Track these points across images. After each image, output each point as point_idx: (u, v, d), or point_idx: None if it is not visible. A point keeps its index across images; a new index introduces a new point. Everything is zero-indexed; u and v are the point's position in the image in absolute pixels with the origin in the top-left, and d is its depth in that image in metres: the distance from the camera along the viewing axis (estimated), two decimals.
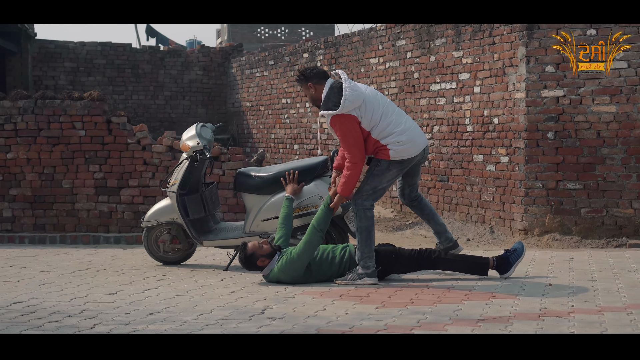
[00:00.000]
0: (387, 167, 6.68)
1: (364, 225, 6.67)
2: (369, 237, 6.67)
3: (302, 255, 6.72)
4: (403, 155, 6.67)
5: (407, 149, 6.67)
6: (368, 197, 6.70)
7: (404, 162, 6.73)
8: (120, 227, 10.33)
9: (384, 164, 6.67)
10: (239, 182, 7.83)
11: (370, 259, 6.67)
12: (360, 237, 6.68)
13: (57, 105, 10.52)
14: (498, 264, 6.81)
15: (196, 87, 19.88)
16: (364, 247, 6.66)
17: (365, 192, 6.70)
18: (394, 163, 6.68)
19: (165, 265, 7.95)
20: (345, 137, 6.61)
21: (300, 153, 15.76)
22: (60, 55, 18.98)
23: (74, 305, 5.93)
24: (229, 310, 5.69)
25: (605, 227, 9.34)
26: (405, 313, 5.49)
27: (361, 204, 6.68)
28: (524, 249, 6.89)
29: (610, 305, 5.61)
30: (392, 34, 12.56)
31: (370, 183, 6.70)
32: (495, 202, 10.22)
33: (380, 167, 6.68)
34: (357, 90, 6.64)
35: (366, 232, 6.67)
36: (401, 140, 6.63)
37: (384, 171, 6.68)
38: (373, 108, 6.64)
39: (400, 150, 6.64)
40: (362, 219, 6.68)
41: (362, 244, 6.67)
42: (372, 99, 6.70)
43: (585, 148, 9.41)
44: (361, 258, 6.67)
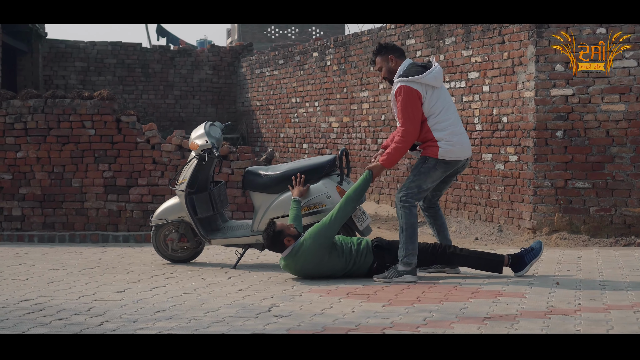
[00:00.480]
0: (434, 166, 6.70)
1: (410, 222, 6.67)
2: (414, 234, 6.67)
3: (334, 223, 6.76)
4: (450, 155, 6.69)
5: (455, 150, 6.71)
6: (413, 196, 6.71)
7: (449, 165, 6.75)
8: (129, 225, 10.36)
9: (431, 162, 6.70)
10: (247, 181, 7.84)
11: (414, 256, 6.67)
12: (406, 234, 6.66)
13: (67, 104, 10.56)
14: (513, 262, 6.83)
15: (206, 87, 19.92)
16: (409, 244, 6.66)
17: (410, 189, 6.72)
18: (441, 163, 6.69)
19: (173, 264, 7.97)
20: (405, 108, 6.64)
21: (310, 152, 15.77)
22: (70, 54, 19.07)
23: (82, 303, 5.95)
24: (236, 308, 5.70)
25: (614, 226, 9.32)
26: (411, 311, 5.50)
27: (407, 201, 6.69)
28: (541, 249, 6.87)
29: (617, 303, 5.60)
30: (401, 33, 12.56)
31: (416, 181, 6.72)
32: (504, 200, 10.21)
33: (427, 165, 6.71)
34: (441, 77, 6.80)
35: (411, 229, 6.67)
36: (452, 140, 6.69)
37: (430, 170, 6.70)
38: (440, 98, 6.72)
39: (449, 150, 6.68)
40: (408, 215, 6.68)
41: (407, 241, 6.66)
42: (445, 91, 6.85)
43: (594, 147, 9.40)
44: (405, 255, 6.65)
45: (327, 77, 15.15)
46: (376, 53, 7.00)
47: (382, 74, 6.98)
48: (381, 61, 6.94)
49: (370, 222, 7.70)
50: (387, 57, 6.90)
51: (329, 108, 15.08)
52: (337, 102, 14.74)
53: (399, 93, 6.68)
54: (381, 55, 6.94)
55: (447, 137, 6.67)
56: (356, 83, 14.02)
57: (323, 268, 6.80)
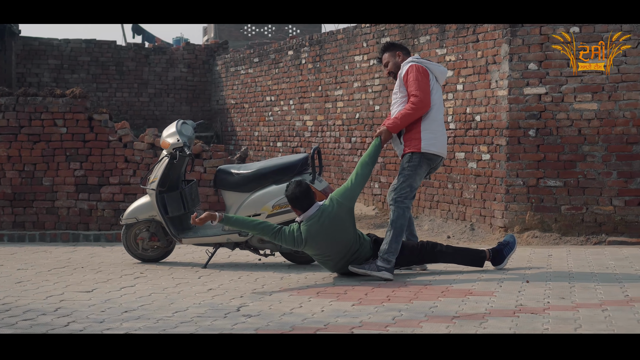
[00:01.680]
0: (419, 163, 6.86)
1: (400, 222, 6.79)
2: (400, 235, 6.78)
3: (357, 186, 6.86)
4: (432, 148, 6.86)
5: (436, 143, 6.89)
6: (407, 195, 6.84)
7: (431, 160, 6.92)
8: (100, 224, 10.29)
9: (416, 159, 6.85)
10: (219, 180, 7.81)
11: (394, 255, 6.75)
12: (393, 233, 6.76)
13: (39, 102, 10.47)
14: (493, 256, 7.07)
15: (180, 85, 19.83)
16: (393, 243, 6.75)
17: (403, 189, 6.85)
18: (424, 158, 6.86)
19: (143, 263, 7.92)
20: (417, 81, 6.84)
21: (284, 151, 15.74)
22: (44, 52, 18.91)
23: (49, 303, 5.89)
24: (205, 308, 5.66)
25: (585, 224, 9.35)
26: (381, 310, 5.48)
27: (402, 202, 6.82)
28: (515, 242, 7.17)
29: (585, 301, 5.61)
30: (376, 31, 12.55)
31: (407, 181, 6.86)
32: (476, 199, 10.22)
33: (412, 163, 6.86)
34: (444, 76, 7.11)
35: (400, 229, 6.78)
36: (436, 135, 6.89)
37: (416, 167, 6.86)
38: (436, 95, 6.95)
39: (432, 144, 6.85)
40: (401, 216, 6.80)
41: (392, 240, 6.75)
42: (440, 92, 7.04)
43: (566, 145, 9.42)
44: (387, 252, 6.72)
45: (302, 75, 15.12)
46: (384, 50, 7.25)
47: (388, 69, 7.19)
48: (389, 57, 7.18)
49: None
50: (395, 53, 7.16)
51: (303, 106, 15.05)
52: (312, 101, 14.72)
53: (411, 71, 6.91)
54: (389, 52, 7.19)
55: (431, 130, 6.85)
56: (331, 81, 14.00)
57: (340, 236, 6.71)
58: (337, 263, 6.81)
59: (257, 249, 7.69)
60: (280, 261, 7.86)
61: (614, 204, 9.26)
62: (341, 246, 6.75)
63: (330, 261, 6.82)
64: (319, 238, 6.67)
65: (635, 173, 9.20)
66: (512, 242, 7.13)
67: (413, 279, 6.77)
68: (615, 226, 9.22)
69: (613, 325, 4.87)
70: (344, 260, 6.78)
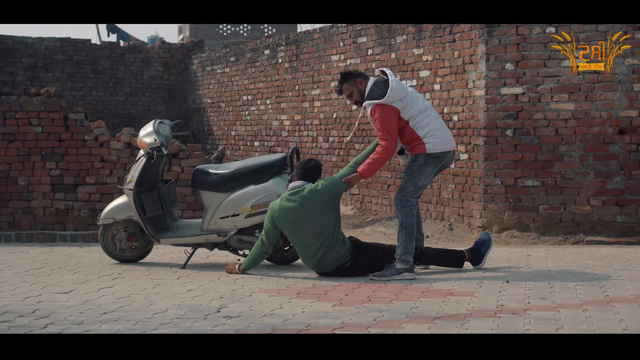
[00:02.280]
0: (425, 162, 6.84)
1: (409, 221, 6.80)
2: (412, 233, 6.80)
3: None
4: (437, 148, 6.85)
5: (442, 142, 6.88)
6: (412, 195, 6.84)
7: (439, 158, 6.91)
8: (77, 225, 10.20)
9: (422, 159, 6.84)
10: (197, 180, 7.76)
11: (411, 254, 6.77)
12: (405, 233, 6.76)
13: (14, 101, 10.36)
14: (472, 256, 7.14)
15: (156, 84, 19.73)
16: (407, 243, 6.75)
17: (408, 189, 6.85)
18: (430, 158, 6.85)
19: (121, 264, 7.85)
20: (383, 123, 6.79)
21: (261, 150, 15.69)
22: (18, 50, 18.74)
23: (27, 305, 5.82)
24: (185, 309, 5.62)
25: (563, 224, 9.39)
26: (362, 311, 5.46)
27: (407, 201, 6.82)
28: (491, 239, 7.24)
29: (566, 302, 5.62)
30: (353, 30, 12.53)
31: (411, 180, 6.86)
32: (454, 199, 10.23)
33: (418, 163, 6.85)
34: (402, 85, 6.95)
35: (410, 228, 6.79)
36: (436, 134, 6.86)
37: (422, 167, 6.85)
38: (414, 102, 6.90)
39: (436, 143, 6.86)
40: (408, 215, 6.80)
41: (406, 240, 6.75)
42: (414, 94, 7.00)
43: (544, 145, 9.45)
44: (403, 252, 6.74)
45: (279, 74, 15.09)
46: (342, 81, 7.12)
47: (353, 99, 7.10)
48: (349, 87, 7.07)
49: None
50: (356, 81, 7.05)
51: (280, 106, 15.01)
52: (289, 100, 14.69)
53: (375, 112, 6.83)
54: (348, 82, 7.08)
55: (430, 133, 6.84)
56: (308, 81, 13.97)
57: (316, 216, 6.73)
58: (315, 253, 6.75)
59: (236, 249, 7.65)
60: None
61: (591, 203, 9.30)
62: (317, 228, 6.73)
63: (307, 249, 6.77)
64: (296, 211, 6.72)
65: (613, 173, 9.25)
66: (488, 240, 7.19)
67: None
68: (593, 226, 9.27)
69: (594, 325, 4.88)
70: (320, 252, 6.74)
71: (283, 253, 7.65)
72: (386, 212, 11.49)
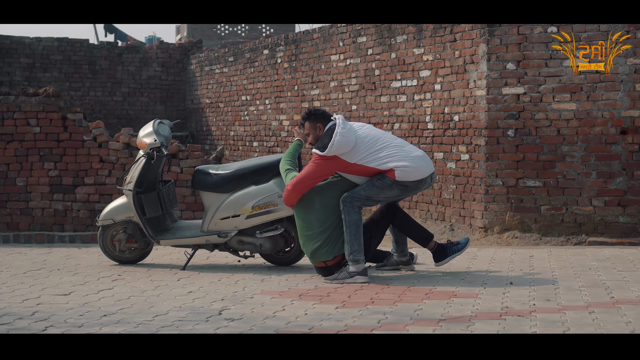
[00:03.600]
0: (390, 186, 6.64)
1: (353, 218, 6.58)
2: (358, 231, 6.59)
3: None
4: (409, 177, 6.63)
5: (412, 171, 6.63)
6: (357, 201, 6.63)
7: (409, 187, 6.69)
8: (76, 226, 10.13)
9: (388, 181, 6.63)
10: (197, 180, 7.68)
11: (360, 252, 6.58)
12: (349, 231, 6.57)
13: (12, 101, 10.29)
14: (437, 250, 6.97)
15: (154, 84, 19.65)
16: (354, 241, 6.57)
17: (358, 195, 6.64)
18: (397, 184, 6.63)
19: (121, 265, 7.78)
20: (307, 173, 6.66)
21: (260, 150, 15.63)
22: (15, 50, 18.66)
23: (26, 307, 5.76)
24: (186, 312, 5.55)
25: (565, 225, 9.33)
26: (365, 313, 5.40)
27: (350, 204, 6.61)
28: (466, 246, 7.01)
29: (571, 304, 5.56)
30: (352, 30, 12.47)
31: (367, 190, 6.64)
32: (456, 199, 10.18)
33: (383, 182, 6.63)
34: (347, 137, 6.58)
35: (355, 226, 6.58)
36: (406, 165, 6.62)
37: (385, 188, 6.64)
38: (368, 147, 6.62)
39: (407, 172, 6.61)
40: (351, 212, 6.59)
41: (352, 238, 6.57)
42: (366, 139, 6.67)
43: (546, 145, 9.40)
44: (351, 252, 6.57)
45: (278, 74, 15.02)
46: (304, 119, 6.95)
47: (309, 140, 6.91)
48: (309, 128, 6.88)
49: None
50: (316, 125, 6.85)
51: (279, 106, 14.95)
52: (288, 100, 14.63)
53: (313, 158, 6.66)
54: (310, 122, 6.89)
55: (400, 165, 6.61)
56: (307, 81, 13.91)
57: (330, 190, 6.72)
58: (315, 237, 6.66)
59: (236, 250, 7.58)
60: (260, 262, 7.76)
61: (593, 204, 9.25)
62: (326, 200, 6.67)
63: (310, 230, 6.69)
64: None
65: (615, 173, 9.20)
66: (463, 244, 6.98)
67: (395, 280, 6.70)
68: (595, 226, 9.22)
69: (601, 328, 4.82)
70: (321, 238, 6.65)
71: (284, 254, 7.59)
72: None
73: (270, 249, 7.41)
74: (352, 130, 6.68)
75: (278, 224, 7.35)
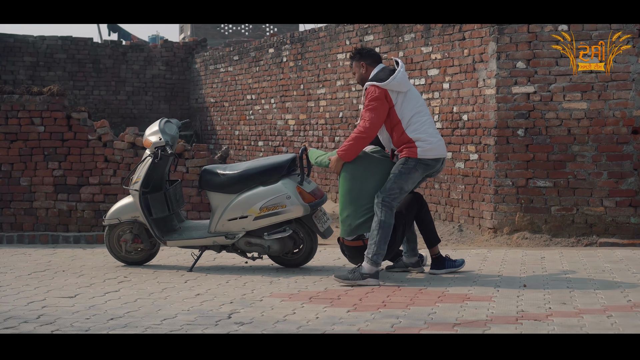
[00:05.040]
0: (414, 167, 6.62)
1: (389, 222, 6.55)
2: (387, 235, 6.54)
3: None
4: (428, 154, 6.64)
5: (433, 148, 6.66)
6: (395, 198, 6.61)
7: (429, 165, 6.69)
8: (80, 226, 10.02)
9: (411, 163, 6.62)
10: (204, 180, 7.57)
11: (382, 256, 6.55)
12: (380, 233, 6.51)
13: (16, 100, 10.18)
14: (437, 258, 7.00)
15: (159, 83, 19.55)
16: (382, 244, 6.52)
17: (392, 190, 6.61)
18: (420, 164, 6.63)
19: (127, 266, 7.67)
20: (370, 106, 6.64)
21: (265, 150, 15.52)
22: (19, 49, 18.56)
23: (31, 310, 5.65)
24: (194, 315, 5.44)
25: (576, 226, 9.21)
26: (378, 317, 5.29)
27: (388, 204, 6.57)
28: (461, 266, 6.98)
29: (588, 307, 5.45)
30: (359, 29, 12.36)
31: (397, 182, 6.62)
32: (464, 200, 10.06)
33: (407, 166, 6.63)
34: (406, 79, 6.75)
35: (387, 229, 6.54)
36: (429, 139, 6.65)
37: (411, 170, 6.62)
38: (412, 101, 6.70)
39: (427, 149, 6.63)
40: (389, 216, 6.56)
41: (381, 239, 6.51)
42: (415, 95, 6.80)
43: (556, 145, 9.28)
44: (375, 253, 6.50)
45: (283, 73, 14.91)
46: (351, 58, 7.02)
47: (355, 79, 7.01)
48: (355, 66, 6.97)
49: (330, 223, 7.50)
50: (359, 64, 6.90)
51: (285, 105, 14.84)
52: (294, 99, 14.51)
53: (370, 92, 6.69)
54: (355, 61, 6.95)
55: (423, 137, 6.63)
56: (313, 80, 13.80)
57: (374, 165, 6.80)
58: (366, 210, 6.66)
59: (244, 252, 7.46)
60: (268, 264, 7.66)
61: (604, 204, 9.13)
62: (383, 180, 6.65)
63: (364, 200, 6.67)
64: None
65: (626, 173, 9.08)
66: (458, 264, 6.97)
67: (407, 282, 6.59)
68: (607, 227, 9.10)
69: (621, 332, 4.71)
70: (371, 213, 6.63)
71: (292, 256, 7.47)
72: None
73: (279, 251, 7.30)
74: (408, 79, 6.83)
75: (286, 226, 7.24)
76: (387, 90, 6.64)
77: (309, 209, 7.18)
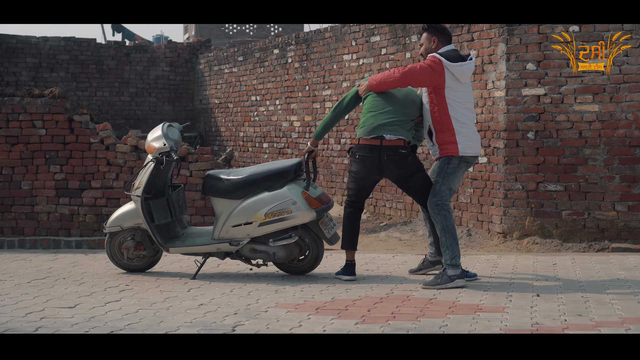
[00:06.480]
0: (458, 165, 6.71)
1: (450, 223, 6.63)
2: (455, 235, 6.64)
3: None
4: (469, 151, 6.72)
5: (473, 145, 6.76)
6: (447, 198, 6.68)
7: (469, 162, 6.81)
8: (82, 230, 9.86)
9: (455, 162, 6.70)
10: (208, 186, 7.39)
11: (459, 257, 6.59)
12: (449, 236, 6.59)
13: (17, 102, 10.02)
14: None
15: (163, 84, 19.40)
16: (454, 246, 6.58)
17: (442, 192, 6.68)
18: (462, 161, 6.73)
19: (128, 273, 7.50)
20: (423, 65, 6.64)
21: (270, 152, 15.35)
22: (22, 50, 18.42)
23: (29, 322, 5.47)
24: (197, 327, 5.26)
25: (587, 230, 9.02)
26: (387, 330, 5.11)
27: (442, 205, 6.63)
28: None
29: (605, 319, 5.27)
30: (366, 29, 12.18)
31: (446, 183, 6.68)
32: (473, 204, 9.87)
33: (452, 165, 6.70)
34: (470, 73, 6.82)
35: (453, 231, 6.61)
36: (470, 137, 6.73)
37: (456, 169, 6.71)
38: (464, 94, 6.74)
39: (468, 146, 6.71)
40: (448, 218, 6.63)
41: (451, 242, 6.58)
42: (470, 92, 6.88)
43: (567, 148, 9.09)
44: (452, 257, 6.54)
45: (289, 74, 14.74)
46: (423, 29, 6.97)
47: (421, 50, 6.97)
48: (425, 38, 6.92)
49: (337, 229, 7.32)
50: (431, 38, 6.86)
51: (290, 106, 14.66)
52: (299, 101, 14.34)
53: (429, 59, 6.67)
54: (428, 33, 6.91)
55: (465, 133, 6.68)
56: (318, 81, 13.62)
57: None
58: (392, 114, 6.80)
59: (248, 259, 7.29)
60: (273, 271, 7.48)
61: (617, 209, 8.93)
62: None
63: (390, 108, 6.81)
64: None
65: (639, 177, 8.89)
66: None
67: (416, 292, 6.40)
68: (619, 232, 8.91)
69: None
70: (397, 118, 6.82)
71: (298, 263, 7.30)
72: (400, 216, 11.13)
73: (284, 258, 7.12)
74: None
75: (292, 232, 7.06)
76: (447, 70, 6.62)
77: (315, 215, 7.01)
